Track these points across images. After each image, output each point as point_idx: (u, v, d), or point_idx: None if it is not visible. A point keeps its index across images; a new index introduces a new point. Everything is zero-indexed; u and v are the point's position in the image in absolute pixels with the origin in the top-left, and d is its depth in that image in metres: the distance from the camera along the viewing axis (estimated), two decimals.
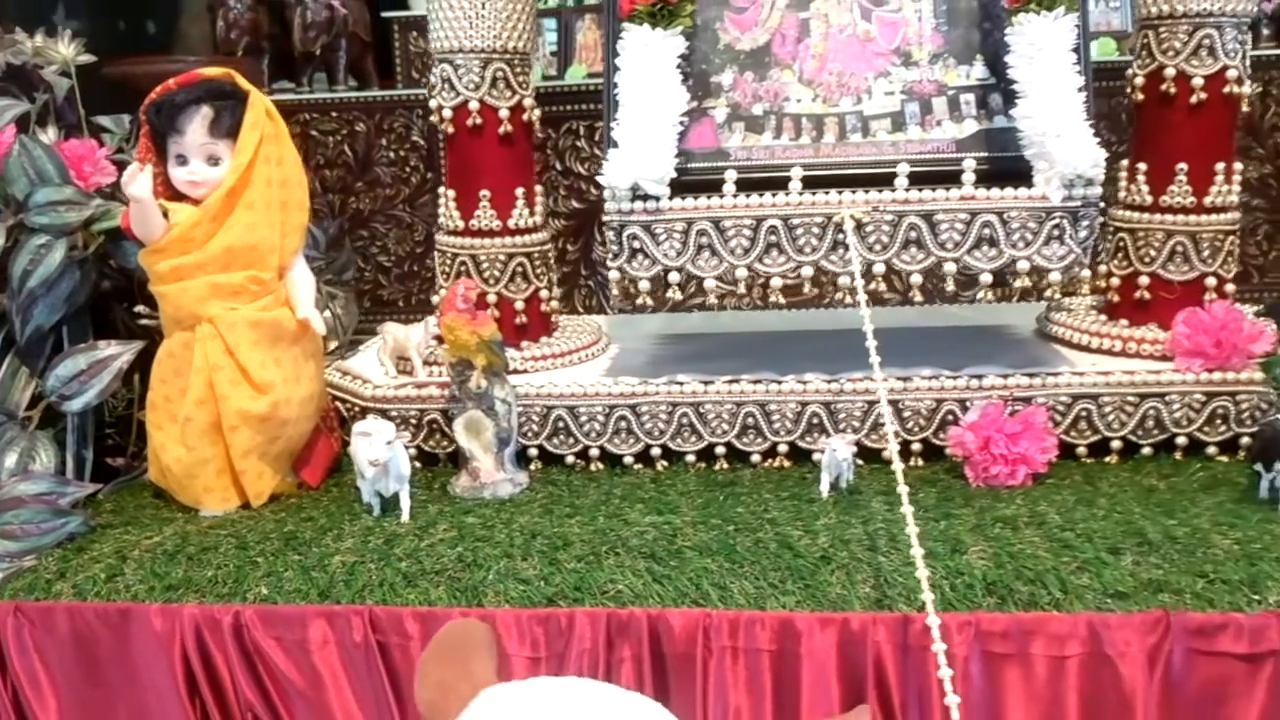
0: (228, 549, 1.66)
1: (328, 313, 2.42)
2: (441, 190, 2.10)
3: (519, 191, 2.06)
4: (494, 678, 0.95)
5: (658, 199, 1.78)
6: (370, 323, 4.57)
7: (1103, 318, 2.07)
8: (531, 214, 2.09)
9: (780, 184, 1.84)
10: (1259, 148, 4.34)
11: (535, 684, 0.92)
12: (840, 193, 1.79)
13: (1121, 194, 2.04)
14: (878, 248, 1.78)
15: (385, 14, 4.70)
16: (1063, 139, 1.69)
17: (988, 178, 1.80)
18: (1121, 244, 2.03)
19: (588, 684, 0.92)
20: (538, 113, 2.09)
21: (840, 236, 1.77)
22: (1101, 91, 3.94)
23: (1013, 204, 1.74)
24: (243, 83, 1.80)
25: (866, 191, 1.80)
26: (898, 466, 1.42)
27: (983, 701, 1.41)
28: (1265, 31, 4.38)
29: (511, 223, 2.06)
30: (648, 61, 1.79)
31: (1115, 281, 2.05)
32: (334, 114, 4.65)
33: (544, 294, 2.12)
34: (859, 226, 1.77)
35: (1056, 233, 1.74)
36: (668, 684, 1.46)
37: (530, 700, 0.89)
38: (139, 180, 1.70)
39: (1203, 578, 1.47)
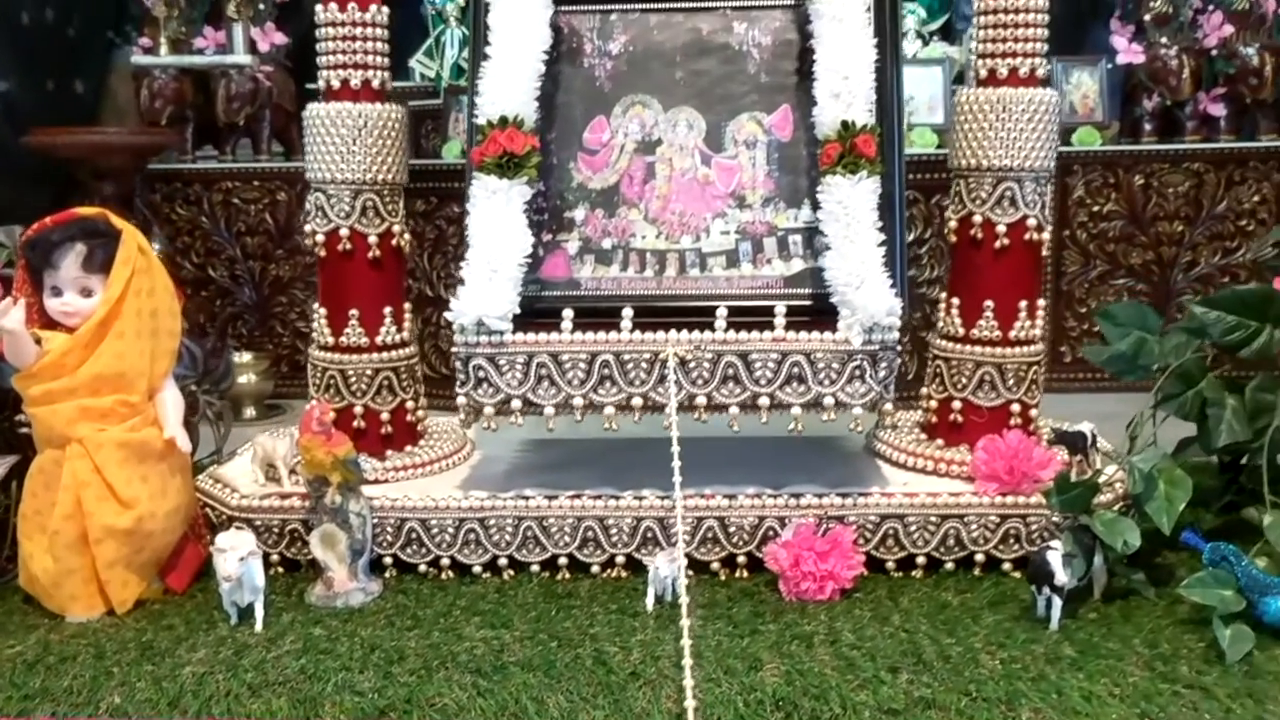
0: (85, 658, 1.78)
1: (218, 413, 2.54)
2: (315, 307, 2.24)
3: (387, 310, 2.22)
4: None
5: (501, 333, 1.94)
6: (286, 388, 4.69)
7: (923, 436, 2.25)
8: (399, 330, 2.24)
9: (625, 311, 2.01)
10: (1142, 236, 4.62)
11: None
12: (667, 332, 1.96)
13: (939, 324, 2.24)
14: (700, 382, 1.96)
15: (310, 85, 4.88)
16: (862, 290, 1.87)
17: (810, 311, 1.99)
18: (938, 370, 2.23)
19: None
20: (407, 236, 2.24)
21: (665, 371, 1.94)
22: (923, 184, 4.21)
23: (819, 346, 1.92)
24: (116, 221, 1.94)
25: (691, 331, 1.97)
26: (684, 602, 1.59)
27: None
28: (1147, 127, 4.68)
29: (379, 339, 2.21)
30: (495, 208, 1.96)
31: (933, 404, 2.24)
32: (256, 182, 4.79)
33: (409, 404, 2.27)
34: (682, 363, 1.94)
35: (858, 372, 1.92)
36: None
37: None
38: (11, 314, 1.83)
39: (967, 695, 1.64)
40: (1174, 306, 4.56)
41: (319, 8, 2.16)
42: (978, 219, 2.12)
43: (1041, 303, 2.20)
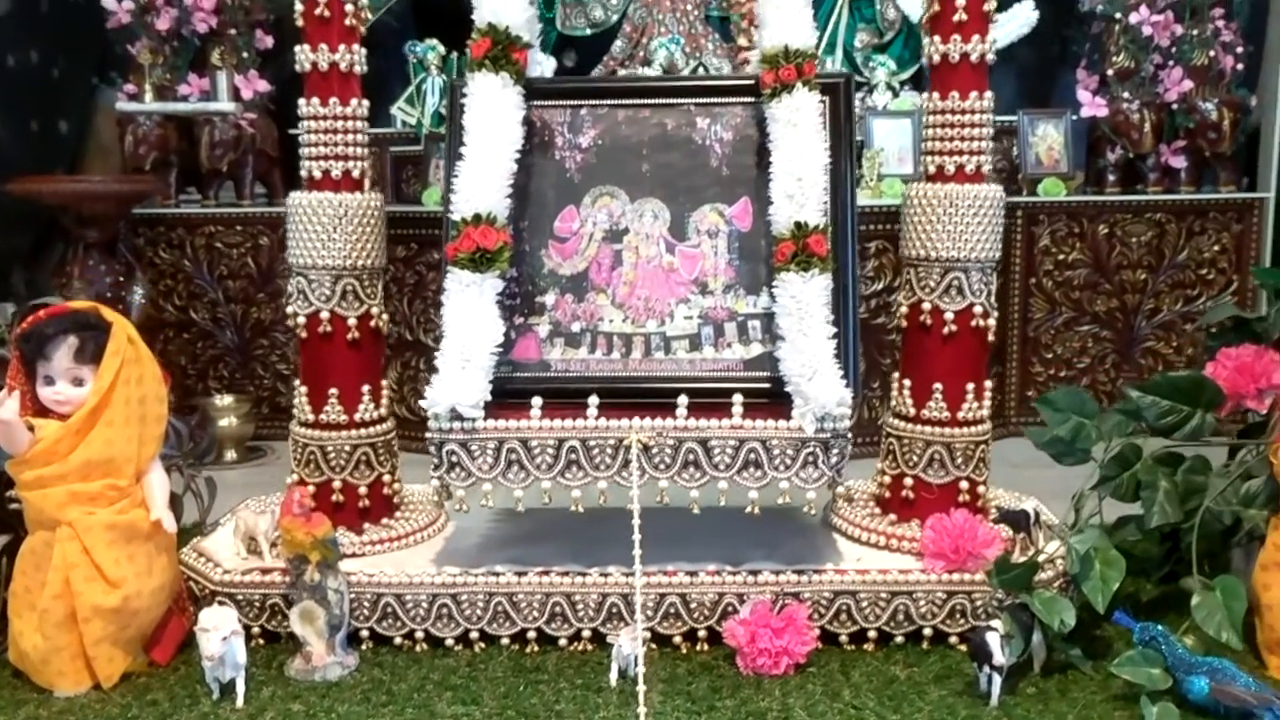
0: None
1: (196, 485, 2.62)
2: (296, 384, 2.34)
3: (365, 389, 2.32)
4: None
5: (473, 421, 2.04)
6: (267, 429, 4.78)
7: (877, 510, 2.36)
8: (377, 407, 2.34)
9: (591, 395, 2.12)
10: (1106, 283, 4.76)
11: None
12: (633, 417, 2.06)
13: (893, 403, 2.35)
14: (662, 468, 2.06)
15: (293, 131, 4.98)
16: (814, 381, 1.98)
17: (768, 394, 2.10)
18: (891, 447, 2.34)
19: None
20: (385, 316, 2.34)
21: (629, 457, 2.04)
22: (892, 234, 4.32)
23: (774, 434, 2.03)
24: (107, 314, 2.03)
25: (655, 415, 2.07)
26: (641, 690, 1.68)
27: None
28: (1111, 178, 4.82)
29: (358, 416, 2.31)
30: (468, 300, 2.06)
31: (886, 479, 2.35)
32: (239, 226, 4.88)
33: (386, 478, 2.37)
34: (646, 449, 2.04)
35: (811, 459, 2.03)
36: None
37: None
38: (6, 405, 1.92)
39: None
40: (1137, 353, 4.71)
41: (302, 102, 2.25)
42: (927, 306, 2.23)
43: (988, 384, 2.31)
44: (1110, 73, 4.76)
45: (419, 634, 2.16)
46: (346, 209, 2.24)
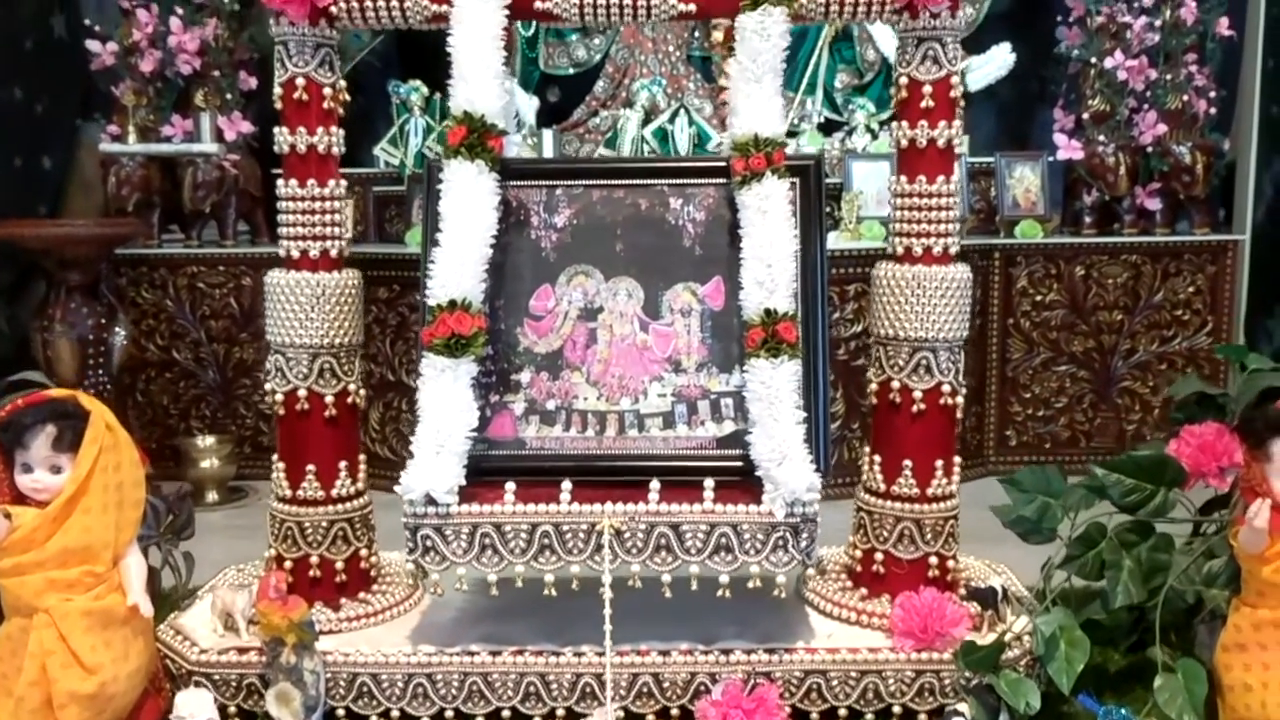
0: None
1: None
2: (274, 459, 2.36)
3: (342, 465, 2.34)
4: None
5: (448, 506, 2.07)
6: (248, 469, 4.79)
7: (848, 584, 2.40)
8: (354, 482, 2.36)
9: (566, 472, 2.15)
10: (1083, 325, 4.82)
11: None
12: (603, 500, 2.09)
13: (864, 477, 2.38)
14: (634, 552, 2.09)
15: (276, 170, 5.02)
16: (784, 467, 2.02)
17: (740, 472, 2.13)
18: (862, 521, 2.37)
19: None
20: (363, 392, 2.37)
21: (602, 542, 2.07)
22: (857, 277, 4.36)
23: (745, 518, 2.06)
24: (85, 401, 2.05)
25: (628, 491, 2.10)
26: None
27: None
28: (1087, 220, 4.88)
29: (334, 492, 2.33)
30: (443, 385, 2.09)
31: (857, 553, 2.38)
32: (222, 267, 4.91)
33: (363, 552, 2.39)
34: (618, 534, 2.07)
35: (781, 542, 2.06)
36: None
37: None
38: None
39: None
40: (1114, 392, 4.76)
41: (280, 182, 2.28)
42: (896, 384, 2.27)
43: (957, 460, 2.35)
44: (1086, 116, 4.82)
45: (394, 713, 2.18)
46: (324, 288, 2.27)
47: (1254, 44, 5.64)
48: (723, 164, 2.27)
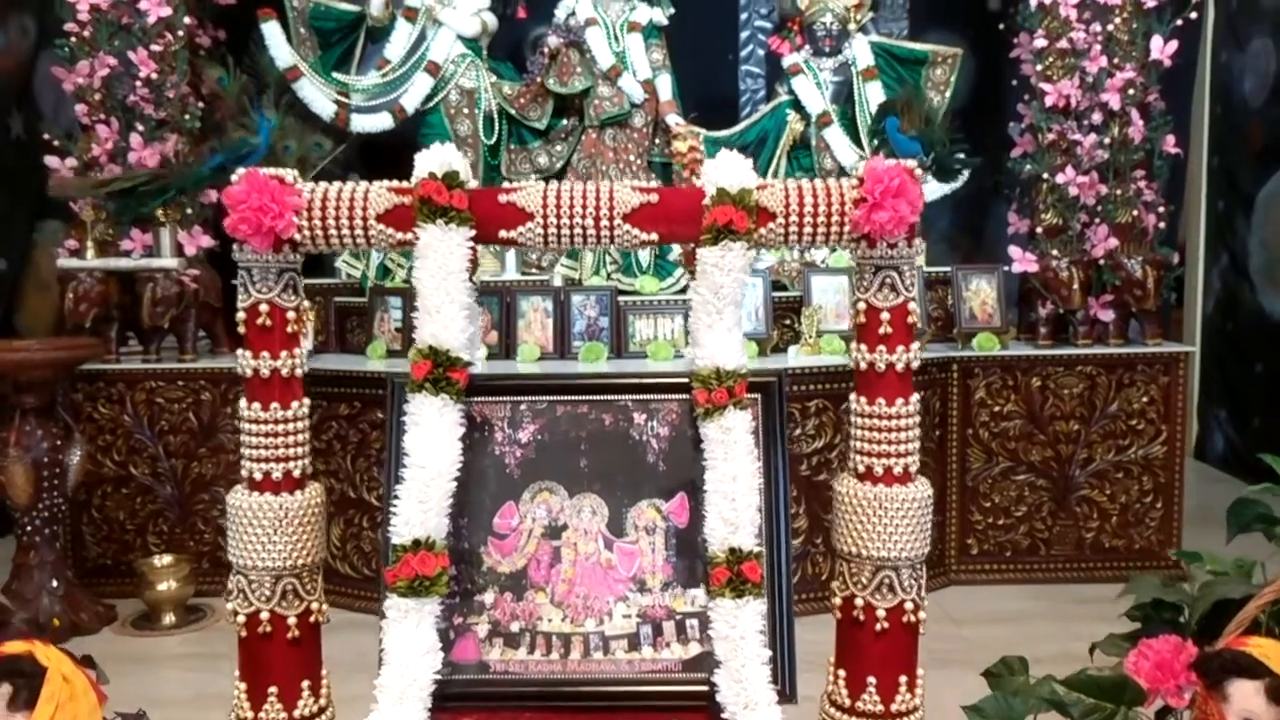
0: None
1: None
2: (234, 678, 2.33)
3: (305, 684, 2.31)
4: None
5: None
6: (207, 585, 4.75)
7: None
8: (316, 700, 2.34)
9: (531, 698, 2.15)
10: (1041, 434, 4.90)
11: None
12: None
13: (828, 689, 2.40)
14: None
15: (234, 282, 5.01)
16: (750, 711, 2.03)
17: (706, 696, 2.14)
18: None
19: None
20: (325, 608, 2.35)
21: None
22: (830, 394, 4.42)
23: None
24: (41, 656, 2.02)
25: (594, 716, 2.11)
26: None
27: None
28: (1043, 330, 4.97)
29: (297, 713, 2.31)
30: (406, 629, 2.08)
31: None
32: (180, 382, 4.87)
33: None
34: None
35: None
36: None
37: None
38: None
39: None
40: (1073, 500, 4.84)
41: (243, 404, 2.27)
42: (859, 602, 2.29)
43: (920, 672, 2.37)
44: (1039, 230, 4.92)
45: None
46: (287, 510, 2.25)
47: (1199, 159, 5.79)
48: (685, 381, 2.29)
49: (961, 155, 4.24)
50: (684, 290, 4.68)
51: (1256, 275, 5.84)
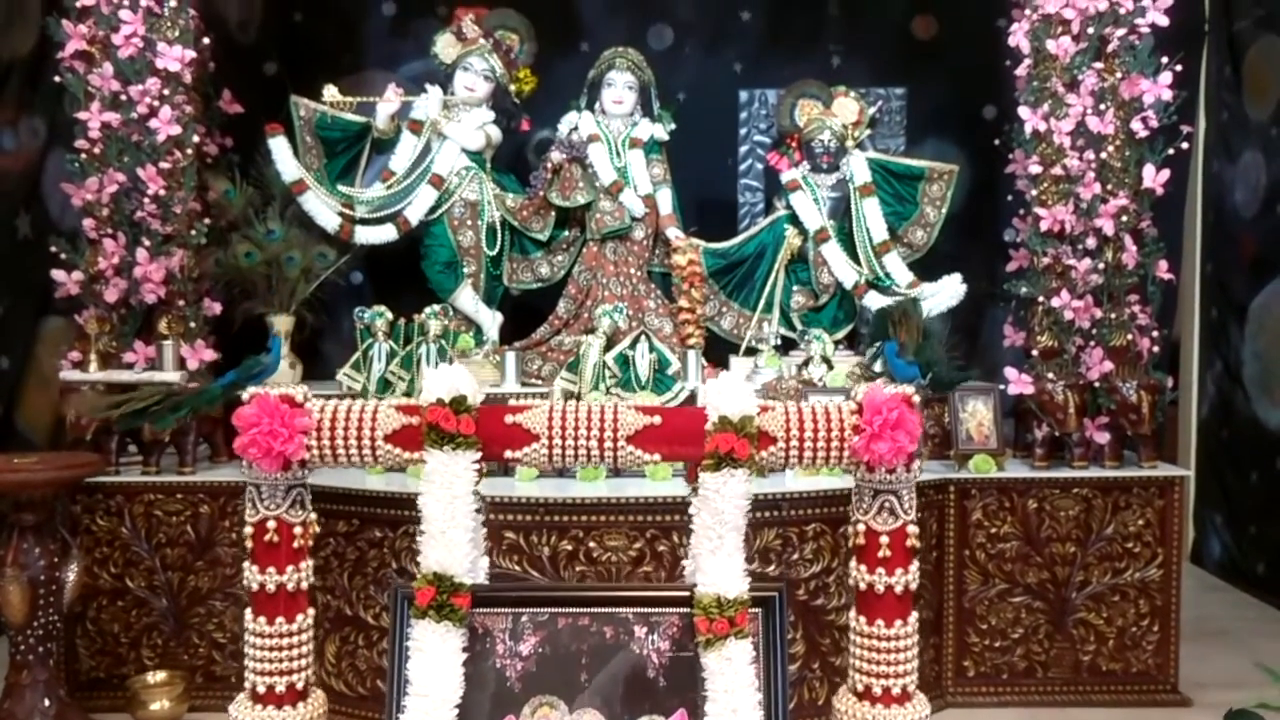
0: None
1: None
2: None
3: None
4: None
5: None
6: (201, 700, 4.73)
7: None
8: None
9: None
10: (1037, 556, 4.91)
11: None
12: None
13: None
14: None
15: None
16: None
17: None
18: None
19: None
20: None
21: None
22: (829, 517, 4.41)
23: None
24: None
25: None
26: None
27: None
28: (1039, 451, 4.98)
29: None
30: None
31: None
32: (180, 495, 4.87)
33: None
34: None
35: None
36: None
37: None
38: None
39: None
40: (1070, 623, 4.85)
41: (248, 614, 2.29)
42: None
43: None
44: (1035, 353, 4.96)
45: None
46: None
47: (1191, 266, 5.85)
48: (686, 594, 2.31)
49: (959, 370, 4.36)
50: (686, 400, 4.70)
51: (1251, 385, 5.88)
